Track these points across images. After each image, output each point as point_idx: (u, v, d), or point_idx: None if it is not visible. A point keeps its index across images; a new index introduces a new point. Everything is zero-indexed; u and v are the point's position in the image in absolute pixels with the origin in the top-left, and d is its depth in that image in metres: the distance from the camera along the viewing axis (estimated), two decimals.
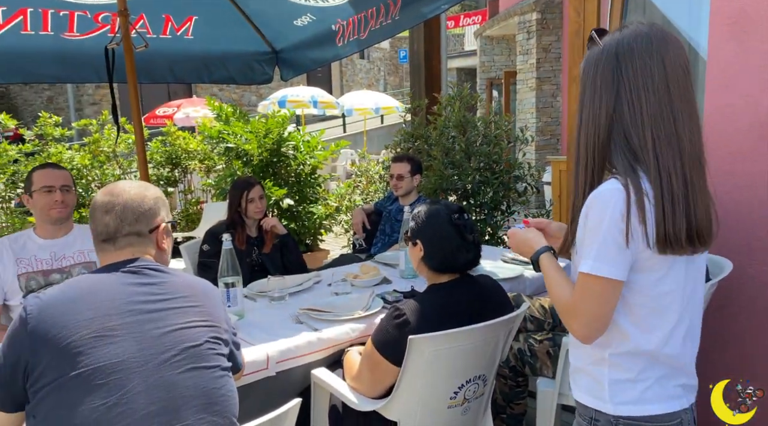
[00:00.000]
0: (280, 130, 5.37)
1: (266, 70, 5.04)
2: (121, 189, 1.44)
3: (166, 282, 1.37)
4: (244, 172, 5.41)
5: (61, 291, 1.28)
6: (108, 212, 1.40)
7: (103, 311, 1.25)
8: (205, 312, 1.38)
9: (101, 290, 1.29)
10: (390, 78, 23.62)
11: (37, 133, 5.19)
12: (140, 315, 1.28)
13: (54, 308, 1.24)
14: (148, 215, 1.43)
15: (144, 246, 1.43)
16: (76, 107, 13.74)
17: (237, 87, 17.71)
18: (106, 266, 1.38)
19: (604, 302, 1.14)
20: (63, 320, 1.22)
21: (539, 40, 8.87)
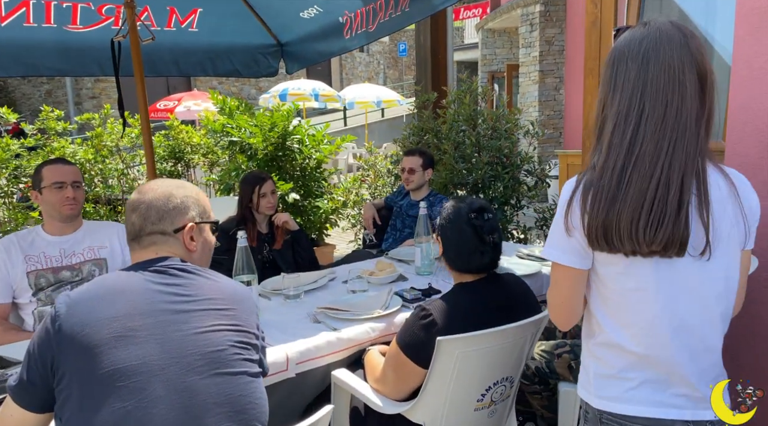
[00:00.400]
0: (285, 124, 5.31)
1: (271, 63, 4.98)
2: (150, 187, 1.42)
3: (192, 283, 1.32)
4: (248, 167, 5.36)
5: (88, 289, 1.26)
6: (134, 210, 1.38)
7: (126, 310, 1.22)
8: (233, 316, 1.32)
9: (126, 289, 1.26)
10: (389, 71, 23.51)
11: (39, 127, 5.12)
12: (163, 316, 1.24)
13: (81, 306, 1.21)
14: (173, 214, 1.40)
15: (169, 245, 1.39)
16: (75, 101, 13.64)
17: (236, 80, 17.61)
18: (133, 265, 1.35)
19: (561, 288, 1.21)
20: (88, 319, 1.19)
21: (542, 33, 8.80)
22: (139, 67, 3.24)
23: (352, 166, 13.11)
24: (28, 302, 2.29)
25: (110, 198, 5.46)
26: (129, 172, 5.65)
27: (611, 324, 1.19)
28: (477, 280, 1.72)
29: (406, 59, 24.12)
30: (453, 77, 5.16)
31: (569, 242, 1.16)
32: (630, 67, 1.14)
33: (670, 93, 1.10)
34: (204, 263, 1.49)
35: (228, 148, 5.57)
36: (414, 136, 3.88)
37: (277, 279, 2.49)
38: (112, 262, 2.43)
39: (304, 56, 4.73)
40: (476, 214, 1.72)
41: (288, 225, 2.98)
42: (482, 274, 1.73)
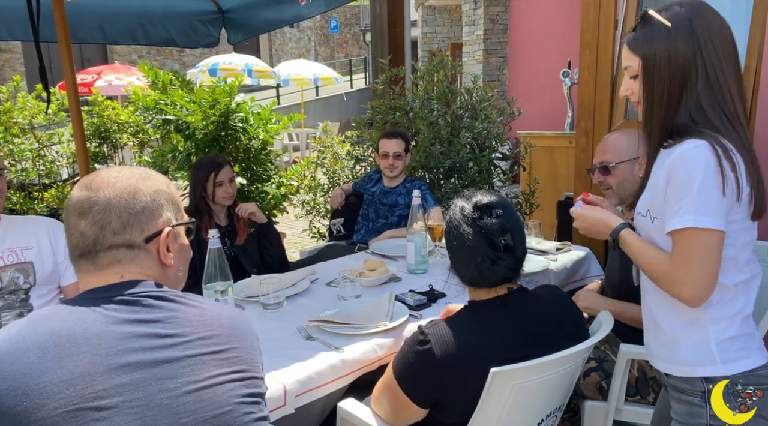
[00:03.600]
0: (227, 101, 4.82)
1: (211, 31, 4.53)
2: (103, 180, 0.99)
3: (175, 317, 0.95)
4: (186, 148, 4.83)
5: (22, 333, 0.85)
6: (83, 215, 0.96)
7: (82, 369, 0.83)
8: (235, 358, 0.97)
9: (78, 335, 0.86)
10: (321, 49, 22.83)
11: None
12: (140, 371, 0.87)
13: (12, 362, 0.82)
14: (143, 218, 1.00)
15: (138, 263, 0.99)
16: None
17: (158, 53, 16.44)
18: (85, 295, 0.95)
19: (711, 255, 1.14)
20: (24, 385, 0.80)
21: (486, 11, 8.63)
22: (64, 29, 2.71)
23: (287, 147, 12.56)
24: None
25: (24, 183, 4.78)
26: (46, 153, 4.97)
27: (729, 283, 1.21)
28: (495, 298, 1.38)
29: (338, 37, 23.52)
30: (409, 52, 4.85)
31: (722, 204, 1.14)
32: (726, 38, 1.22)
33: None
34: (181, 281, 1.12)
35: (161, 126, 5.00)
36: (380, 115, 3.56)
37: (249, 282, 2.12)
38: (41, 266, 1.97)
39: (249, 25, 4.29)
40: (480, 212, 1.36)
41: (255, 217, 2.59)
42: (501, 289, 1.39)
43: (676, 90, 1.19)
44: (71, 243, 0.98)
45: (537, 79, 7.58)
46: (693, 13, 1.19)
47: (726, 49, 1.19)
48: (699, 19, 1.18)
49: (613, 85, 2.59)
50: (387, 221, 2.96)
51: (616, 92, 2.59)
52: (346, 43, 24.16)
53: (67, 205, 0.98)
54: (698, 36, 1.17)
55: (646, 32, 1.22)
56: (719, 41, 1.18)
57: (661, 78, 1.20)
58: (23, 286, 1.92)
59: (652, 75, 1.21)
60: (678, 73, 1.18)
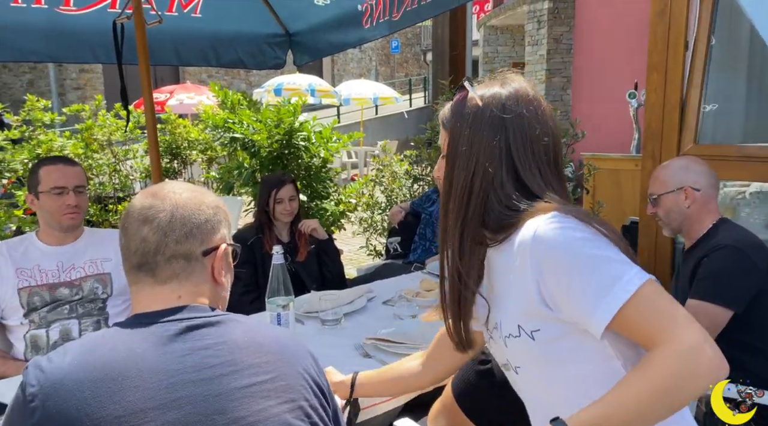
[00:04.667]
0: (291, 120, 4.98)
1: (278, 53, 4.68)
2: (170, 190, 1.00)
3: (224, 343, 0.92)
4: (251, 165, 5.02)
5: (74, 365, 0.84)
6: (147, 221, 0.96)
7: (134, 405, 0.82)
8: (283, 386, 0.93)
9: (131, 367, 0.85)
10: (381, 68, 23.18)
11: (24, 117, 4.73)
12: (189, 406, 0.85)
13: (66, 395, 0.81)
14: (204, 229, 1.00)
15: (193, 279, 0.99)
16: (58, 92, 13.10)
17: (227, 73, 17.15)
18: (138, 319, 0.94)
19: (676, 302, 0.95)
20: (78, 421, 0.80)
21: (550, 31, 8.54)
22: (144, 52, 2.90)
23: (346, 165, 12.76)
24: (18, 324, 1.95)
25: (100, 195, 5.08)
26: (121, 167, 5.28)
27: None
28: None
29: (399, 56, 23.81)
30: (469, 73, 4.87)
31: (632, 258, 0.93)
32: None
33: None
34: (226, 301, 1.11)
35: (229, 144, 5.22)
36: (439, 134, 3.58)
37: (309, 298, 2.17)
38: (118, 278, 2.09)
39: (315, 47, 4.42)
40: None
41: (316, 233, 2.66)
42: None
43: (477, 181, 1.03)
44: (129, 250, 0.97)
45: (602, 100, 7.42)
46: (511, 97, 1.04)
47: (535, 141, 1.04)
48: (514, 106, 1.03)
49: (683, 109, 2.51)
50: None
51: (685, 116, 2.51)
52: (407, 63, 24.42)
53: (130, 211, 0.99)
54: (507, 127, 1.02)
55: (456, 108, 1.08)
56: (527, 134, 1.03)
57: (462, 164, 1.05)
58: (101, 295, 2.05)
59: (454, 158, 1.06)
60: (480, 161, 1.02)
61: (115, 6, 3.51)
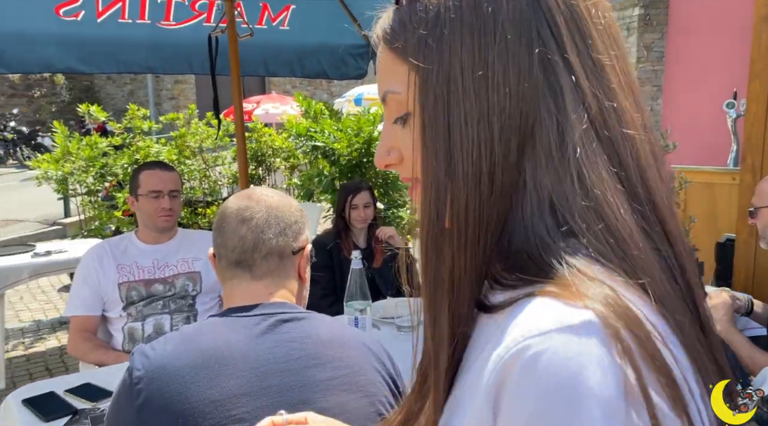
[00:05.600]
0: (371, 129, 5.07)
1: (360, 64, 4.76)
2: (262, 194, 1.08)
3: (308, 337, 0.98)
4: (330, 172, 5.15)
5: (175, 353, 0.91)
6: (245, 221, 1.03)
7: (228, 390, 0.88)
8: (363, 381, 0.98)
9: (226, 355, 0.91)
10: None
11: (126, 125, 5.10)
12: (277, 395, 0.90)
13: (167, 379, 0.88)
14: (295, 229, 1.07)
15: (285, 275, 1.05)
16: (155, 102, 14.02)
17: (309, 84, 17.69)
18: (232, 312, 1.00)
19: None
20: (179, 403, 0.86)
21: (640, 38, 8.20)
22: (236, 64, 3.05)
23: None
24: (117, 317, 2.10)
25: (191, 200, 5.38)
26: (210, 173, 5.56)
27: None
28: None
29: None
30: None
31: None
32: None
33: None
34: (306, 300, 1.17)
35: (311, 152, 5.39)
36: None
37: (385, 304, 2.19)
38: (207, 276, 2.21)
39: None
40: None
41: (393, 241, 2.69)
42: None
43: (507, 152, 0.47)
44: (227, 247, 1.03)
45: (696, 110, 7.02)
46: None
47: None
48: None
49: None
50: None
51: None
52: None
53: (227, 213, 1.05)
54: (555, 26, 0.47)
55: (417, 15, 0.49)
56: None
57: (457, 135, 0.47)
58: (191, 292, 2.16)
59: (438, 116, 0.48)
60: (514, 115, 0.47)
61: (210, 20, 3.71)
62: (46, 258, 3.59)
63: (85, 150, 4.76)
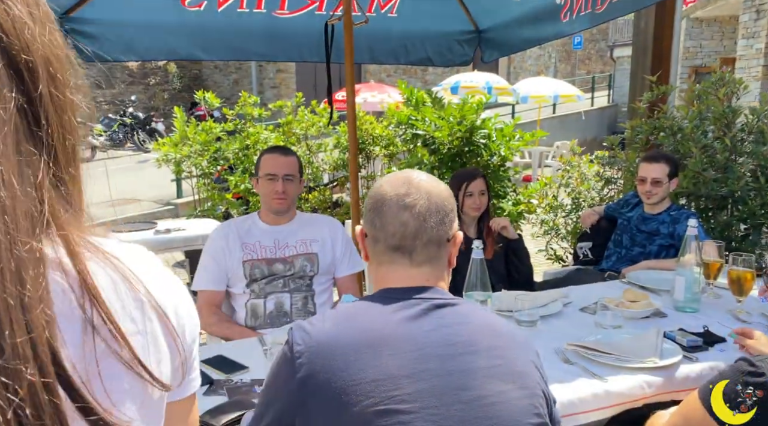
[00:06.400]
0: (473, 118, 4.98)
1: (466, 50, 4.67)
2: (420, 180, 1.06)
3: (463, 323, 0.98)
4: (430, 161, 5.12)
5: (336, 331, 0.93)
6: (407, 208, 1.01)
7: (388, 370, 0.89)
8: (519, 372, 0.97)
9: (386, 336, 0.92)
10: (561, 65, 22.20)
11: (238, 112, 5.34)
12: (436, 378, 0.90)
13: (330, 355, 0.90)
14: (451, 217, 1.06)
15: (439, 263, 1.05)
16: (258, 90, 14.60)
17: (404, 72, 17.73)
18: (388, 294, 1.01)
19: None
20: (341, 379, 0.88)
21: None
22: (351, 51, 3.09)
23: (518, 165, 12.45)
24: (241, 293, 2.20)
25: None
26: (313, 160, 5.71)
27: None
28: None
29: (581, 53, 22.61)
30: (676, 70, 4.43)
31: None
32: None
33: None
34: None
35: (411, 140, 5.38)
36: (641, 135, 3.31)
37: (500, 296, 2.14)
38: (323, 258, 2.26)
39: (506, 43, 4.34)
40: None
41: (506, 231, 2.62)
42: None
43: None
44: (387, 232, 1.02)
45: None
46: None
47: None
48: None
49: None
50: (644, 250, 2.73)
51: None
52: (589, 60, 23.10)
53: (386, 197, 1.03)
54: None
55: None
56: None
57: None
58: (309, 273, 2.22)
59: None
60: None
61: (322, 8, 3.78)
62: (167, 235, 3.84)
63: (201, 135, 5.03)
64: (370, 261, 1.10)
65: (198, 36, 3.69)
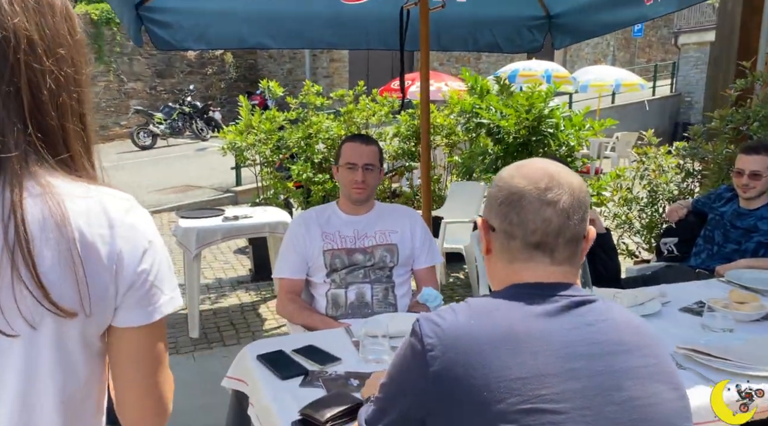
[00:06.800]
0: (541, 107, 4.82)
1: (536, 36, 4.51)
2: (556, 170, 0.98)
3: (604, 320, 0.92)
4: (495, 151, 4.99)
5: (471, 325, 0.88)
6: (550, 204, 0.94)
7: (535, 369, 0.84)
8: (671, 372, 0.92)
9: (525, 333, 0.87)
10: (619, 53, 21.41)
11: (301, 100, 5.34)
12: (586, 379, 0.85)
13: (467, 349, 0.85)
14: (587, 212, 0.98)
15: (576, 261, 0.99)
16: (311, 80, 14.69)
17: (457, 60, 17.45)
18: (521, 289, 0.95)
19: None
20: (482, 375, 0.83)
21: None
22: (426, 37, 3.01)
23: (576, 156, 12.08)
24: (321, 283, 2.17)
25: None
26: None
27: None
28: None
29: (641, 40, 21.74)
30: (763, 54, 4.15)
31: None
32: None
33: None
34: None
35: (474, 129, 5.26)
36: (731, 124, 3.11)
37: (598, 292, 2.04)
38: (403, 249, 2.21)
39: (579, 29, 4.17)
40: None
41: (594, 225, 2.50)
42: None
43: None
44: (526, 228, 0.95)
45: None
46: None
47: None
48: None
49: None
50: (739, 248, 2.56)
51: None
52: (649, 48, 22.19)
53: (524, 190, 0.96)
54: None
55: None
56: None
57: None
58: (389, 264, 2.18)
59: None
60: None
61: None
62: (235, 222, 3.88)
63: (266, 123, 5.06)
64: (493, 255, 1.03)
65: (268, 24, 3.69)
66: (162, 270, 0.77)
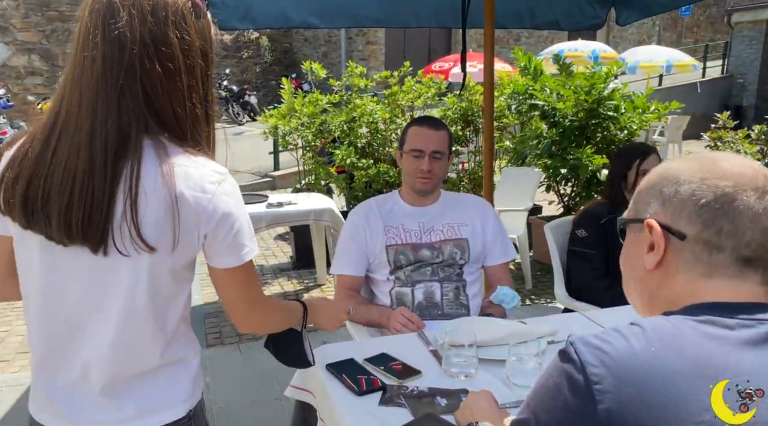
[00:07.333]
0: (601, 88, 4.52)
1: (598, 12, 4.20)
2: (761, 167, 0.79)
3: None
4: (551, 135, 4.71)
5: (650, 352, 0.70)
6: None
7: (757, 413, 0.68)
8: None
9: (724, 363, 0.68)
10: (665, 34, 20.52)
11: (344, 83, 5.15)
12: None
13: (649, 385, 0.67)
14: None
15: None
16: (347, 64, 14.49)
17: (497, 41, 16.95)
18: (716, 311, 0.74)
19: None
20: (675, 416, 0.66)
21: None
22: (491, 13, 2.77)
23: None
24: (384, 280, 1.99)
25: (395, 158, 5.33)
26: None
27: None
28: None
29: (688, 20, 20.78)
30: None
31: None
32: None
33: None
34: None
35: (527, 112, 4.99)
36: None
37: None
38: (474, 244, 2.01)
39: (650, 3, 3.85)
40: None
41: None
42: None
43: None
44: (742, 239, 0.75)
45: None
46: None
47: None
48: None
49: None
50: None
51: None
52: (697, 27, 21.21)
53: (737, 196, 0.76)
54: None
55: None
56: None
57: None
58: (459, 261, 1.98)
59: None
60: None
61: None
62: (281, 209, 3.73)
63: (309, 107, 4.89)
64: (669, 268, 0.80)
65: (314, 2, 3.51)
66: (242, 228, 1.02)
